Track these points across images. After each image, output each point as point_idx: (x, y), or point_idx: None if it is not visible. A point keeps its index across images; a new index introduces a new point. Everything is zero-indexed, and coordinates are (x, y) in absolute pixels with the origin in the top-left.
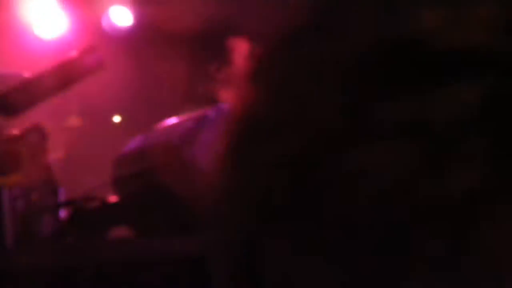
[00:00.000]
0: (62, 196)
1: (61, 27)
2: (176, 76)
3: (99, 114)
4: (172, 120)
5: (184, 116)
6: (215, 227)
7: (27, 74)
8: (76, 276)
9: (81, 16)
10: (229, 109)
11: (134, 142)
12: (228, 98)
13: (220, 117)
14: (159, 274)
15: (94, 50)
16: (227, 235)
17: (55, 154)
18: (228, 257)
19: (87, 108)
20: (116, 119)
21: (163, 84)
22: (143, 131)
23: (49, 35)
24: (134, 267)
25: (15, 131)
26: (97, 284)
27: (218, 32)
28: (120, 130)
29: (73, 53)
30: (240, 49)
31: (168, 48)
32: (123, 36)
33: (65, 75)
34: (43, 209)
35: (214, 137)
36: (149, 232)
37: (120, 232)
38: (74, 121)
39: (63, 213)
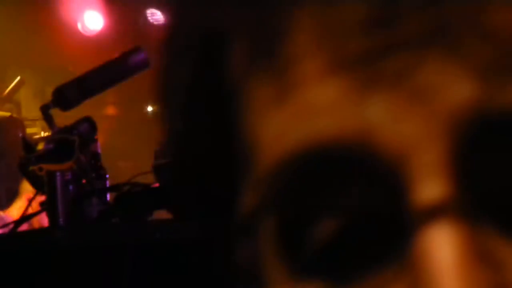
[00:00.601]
0: (109, 181)
1: (102, 23)
2: None
3: (134, 104)
4: None
5: None
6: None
7: (71, 68)
8: (120, 255)
9: (120, 13)
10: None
11: None
12: None
13: None
14: (196, 254)
15: (140, 50)
16: None
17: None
18: None
19: (123, 99)
20: (149, 109)
21: None
22: None
23: (91, 31)
24: (174, 246)
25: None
26: (139, 262)
27: None
28: (153, 119)
29: (120, 53)
30: None
31: None
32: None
33: (114, 73)
34: (92, 193)
35: None
36: (186, 216)
37: (161, 215)
38: (111, 110)
39: (109, 197)
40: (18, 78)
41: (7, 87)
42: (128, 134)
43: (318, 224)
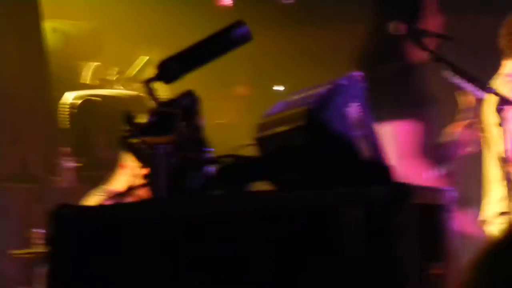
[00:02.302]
0: (212, 155)
1: None
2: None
3: (264, 83)
4: (310, 88)
5: (321, 85)
6: None
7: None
8: (220, 226)
9: None
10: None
11: (276, 106)
12: None
13: (351, 84)
14: (296, 224)
15: (242, 24)
16: None
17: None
18: None
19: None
20: (280, 88)
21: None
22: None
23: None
24: (273, 217)
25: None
26: (240, 233)
27: None
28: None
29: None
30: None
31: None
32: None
33: (216, 46)
34: (193, 165)
35: (346, 103)
36: (284, 187)
37: (261, 186)
38: (241, 89)
39: (211, 169)
40: (147, 58)
41: (136, 67)
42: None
43: None
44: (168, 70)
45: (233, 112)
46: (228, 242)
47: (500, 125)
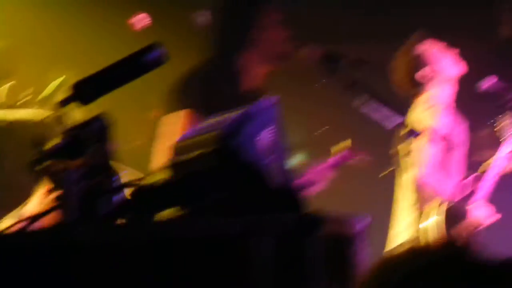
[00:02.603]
0: (122, 180)
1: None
2: None
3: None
4: (222, 115)
5: (233, 112)
6: None
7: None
8: (129, 251)
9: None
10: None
11: (188, 132)
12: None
13: (265, 109)
14: (205, 252)
15: (157, 46)
16: None
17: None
18: None
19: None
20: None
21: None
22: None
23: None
24: (184, 244)
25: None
26: (148, 259)
27: None
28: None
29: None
30: None
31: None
32: None
33: (131, 69)
34: (104, 189)
35: (259, 129)
36: (198, 213)
37: (172, 212)
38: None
39: (121, 195)
40: (63, 78)
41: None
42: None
43: None
44: (83, 91)
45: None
46: (137, 270)
47: (411, 152)
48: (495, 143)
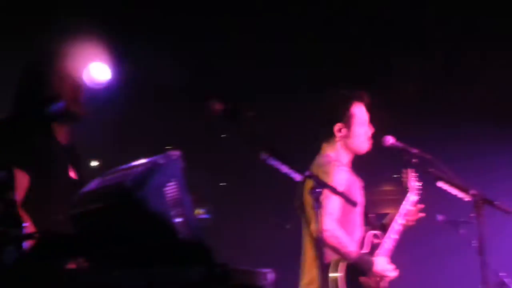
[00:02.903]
0: (26, 230)
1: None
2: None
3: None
4: (127, 165)
5: (138, 161)
6: None
7: None
8: None
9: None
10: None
11: (93, 183)
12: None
13: (169, 163)
14: None
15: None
16: None
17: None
18: None
19: None
20: (94, 163)
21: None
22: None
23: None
24: None
25: None
26: None
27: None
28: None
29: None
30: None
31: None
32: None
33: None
34: (7, 240)
35: (163, 181)
36: (103, 264)
37: (76, 263)
38: None
39: (25, 245)
40: None
41: None
42: None
43: None
44: None
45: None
46: None
47: (315, 207)
48: (398, 197)
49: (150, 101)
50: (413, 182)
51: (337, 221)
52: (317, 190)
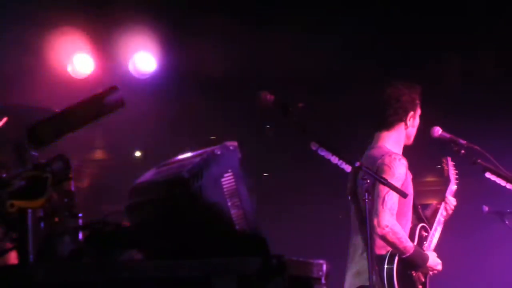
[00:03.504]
0: (82, 220)
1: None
2: (192, 116)
3: (122, 149)
4: (183, 156)
5: (195, 153)
6: None
7: (57, 109)
8: None
9: (108, 59)
10: (235, 148)
11: (148, 174)
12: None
13: (225, 154)
14: None
15: (116, 89)
16: None
17: (80, 183)
18: None
19: (111, 143)
20: (137, 154)
21: (182, 123)
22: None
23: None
24: (142, 285)
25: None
26: None
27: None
28: (140, 164)
29: (98, 92)
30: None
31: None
32: (147, 79)
33: (89, 111)
34: (63, 231)
35: (220, 172)
36: (157, 255)
37: (131, 254)
38: (99, 154)
39: (81, 235)
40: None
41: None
42: (114, 178)
43: None
44: (39, 134)
45: (91, 177)
46: None
47: (366, 196)
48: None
49: (197, 92)
50: (453, 171)
51: (394, 214)
52: (366, 180)
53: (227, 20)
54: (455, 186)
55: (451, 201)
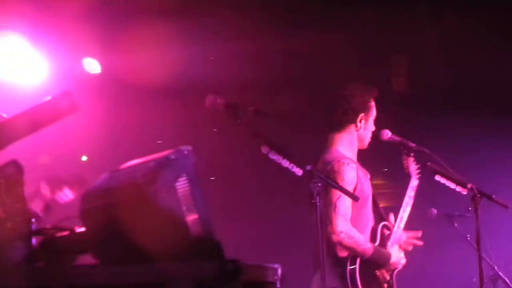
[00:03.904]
0: (35, 226)
1: (40, 75)
2: (139, 121)
3: (67, 153)
4: (137, 160)
5: (148, 157)
6: None
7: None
8: None
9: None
10: (189, 152)
11: (101, 179)
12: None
13: (180, 158)
14: None
15: (69, 94)
16: None
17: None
18: None
19: (57, 148)
20: (84, 158)
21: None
22: (107, 170)
23: (28, 82)
24: None
25: None
26: None
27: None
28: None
29: (49, 97)
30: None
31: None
32: (93, 84)
33: (40, 118)
34: (17, 236)
35: (174, 176)
36: (111, 261)
37: (85, 259)
38: (44, 159)
39: (34, 241)
40: None
41: None
42: None
43: None
44: None
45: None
46: None
47: (317, 200)
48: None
49: (143, 97)
50: (413, 167)
51: (350, 219)
52: (317, 184)
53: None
54: (417, 181)
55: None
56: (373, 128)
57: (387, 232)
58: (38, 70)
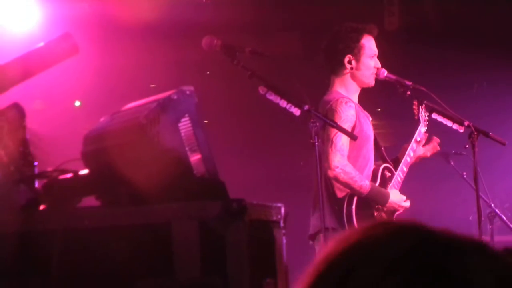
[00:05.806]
0: (37, 169)
1: (33, 21)
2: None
3: (61, 99)
4: (138, 102)
5: (149, 98)
6: None
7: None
8: (47, 241)
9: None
10: (191, 92)
11: (102, 121)
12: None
13: (182, 99)
14: (125, 240)
15: (70, 36)
16: None
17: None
18: None
19: (50, 94)
20: (77, 103)
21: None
22: (101, 115)
23: (21, 29)
24: (101, 232)
25: None
26: (67, 249)
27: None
28: (80, 113)
29: (47, 41)
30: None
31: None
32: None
33: (40, 61)
34: (19, 179)
35: (177, 117)
36: (116, 202)
37: (88, 201)
38: (38, 104)
39: (37, 184)
40: None
41: None
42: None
43: None
44: None
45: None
46: (56, 258)
47: (315, 139)
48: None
49: (136, 40)
50: (423, 114)
51: (348, 158)
52: (316, 124)
53: None
54: (425, 128)
55: (421, 142)
56: (372, 65)
57: (388, 174)
58: (30, 15)
